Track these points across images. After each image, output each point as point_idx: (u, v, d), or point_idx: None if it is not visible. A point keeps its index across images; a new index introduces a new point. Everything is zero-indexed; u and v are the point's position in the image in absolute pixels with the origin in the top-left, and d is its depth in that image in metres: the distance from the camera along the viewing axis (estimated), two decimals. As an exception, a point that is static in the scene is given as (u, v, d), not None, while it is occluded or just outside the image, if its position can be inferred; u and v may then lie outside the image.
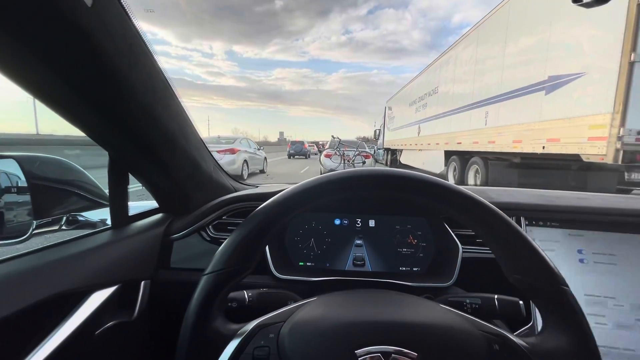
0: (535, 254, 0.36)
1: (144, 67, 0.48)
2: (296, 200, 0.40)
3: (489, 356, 0.35)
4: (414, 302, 0.42)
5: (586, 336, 0.34)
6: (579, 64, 3.42)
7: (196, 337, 0.37)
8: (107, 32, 0.39)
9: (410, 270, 0.75)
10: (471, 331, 0.37)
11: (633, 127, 2.90)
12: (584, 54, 3.36)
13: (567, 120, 3.56)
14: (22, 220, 0.57)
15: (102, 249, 0.61)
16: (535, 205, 0.72)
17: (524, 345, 0.36)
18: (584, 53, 3.36)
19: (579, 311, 0.35)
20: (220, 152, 7.83)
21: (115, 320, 0.59)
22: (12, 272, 0.48)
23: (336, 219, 0.78)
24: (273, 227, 0.40)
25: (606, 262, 0.63)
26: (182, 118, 0.63)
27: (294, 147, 22.20)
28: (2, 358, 0.44)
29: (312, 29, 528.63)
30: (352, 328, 0.37)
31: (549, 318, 0.37)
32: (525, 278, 0.37)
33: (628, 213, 0.68)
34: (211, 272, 0.38)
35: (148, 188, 0.72)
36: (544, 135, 3.91)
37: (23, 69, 0.39)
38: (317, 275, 0.70)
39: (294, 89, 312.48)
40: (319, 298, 0.43)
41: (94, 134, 0.54)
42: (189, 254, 0.75)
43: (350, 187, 0.40)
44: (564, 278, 0.36)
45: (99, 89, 0.44)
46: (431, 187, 0.39)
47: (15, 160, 0.54)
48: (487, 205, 0.38)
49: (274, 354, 0.36)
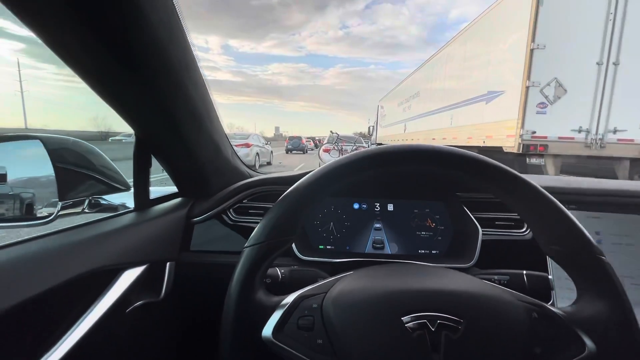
0: (573, 226, 0.37)
1: (179, 43, 0.48)
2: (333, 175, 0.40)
3: (529, 324, 0.36)
4: (451, 273, 0.43)
5: (623, 302, 0.35)
6: (502, 85, 4.92)
7: (241, 308, 0.37)
8: (149, 3, 0.39)
9: (429, 252, 0.75)
10: (511, 300, 0.37)
11: (528, 129, 4.41)
12: (505, 78, 4.86)
13: (496, 122, 5.05)
14: (47, 202, 0.57)
15: (128, 229, 0.61)
16: (553, 188, 0.71)
17: (562, 314, 0.37)
18: (504, 78, 4.86)
19: (616, 279, 0.35)
20: (238, 146, 9.07)
21: (144, 299, 0.61)
22: (46, 249, 0.48)
23: (355, 203, 0.78)
24: (312, 201, 0.41)
25: (623, 243, 0.64)
26: (208, 101, 0.63)
27: (292, 142, 22.90)
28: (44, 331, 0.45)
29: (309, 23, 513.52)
30: (397, 296, 0.37)
31: (584, 287, 0.38)
32: (563, 249, 0.38)
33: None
34: (254, 245, 0.39)
35: (169, 171, 0.72)
36: (484, 133, 5.40)
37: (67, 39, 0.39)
38: (338, 257, 0.71)
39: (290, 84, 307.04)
40: (357, 271, 0.43)
41: (126, 110, 0.54)
42: (207, 237, 0.76)
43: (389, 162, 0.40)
44: (600, 248, 0.36)
45: (139, 61, 0.43)
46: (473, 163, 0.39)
47: (40, 141, 0.54)
48: (527, 181, 0.38)
49: (318, 322, 0.37)
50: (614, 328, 0.35)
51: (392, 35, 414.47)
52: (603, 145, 4.36)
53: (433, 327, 0.34)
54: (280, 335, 0.37)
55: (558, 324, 0.36)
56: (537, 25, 4.21)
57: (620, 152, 4.41)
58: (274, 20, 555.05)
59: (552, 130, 4.40)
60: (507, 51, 4.82)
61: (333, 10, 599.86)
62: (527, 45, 4.30)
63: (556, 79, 4.30)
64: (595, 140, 4.37)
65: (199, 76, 0.56)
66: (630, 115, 4.28)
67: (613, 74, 4.24)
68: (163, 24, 0.42)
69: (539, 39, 4.22)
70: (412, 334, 0.34)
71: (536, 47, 4.23)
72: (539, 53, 4.25)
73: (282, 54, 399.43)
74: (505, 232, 0.73)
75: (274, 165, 10.24)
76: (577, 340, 0.35)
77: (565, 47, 4.24)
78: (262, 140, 11.26)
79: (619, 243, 0.64)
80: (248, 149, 9.27)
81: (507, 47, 4.80)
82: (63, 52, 0.40)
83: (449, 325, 0.34)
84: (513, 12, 4.70)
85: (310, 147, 26.20)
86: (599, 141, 4.36)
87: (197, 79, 0.56)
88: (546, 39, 4.22)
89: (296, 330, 0.37)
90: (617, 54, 4.20)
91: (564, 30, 4.22)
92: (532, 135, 4.42)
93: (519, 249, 0.40)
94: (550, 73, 4.29)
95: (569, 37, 4.23)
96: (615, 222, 0.65)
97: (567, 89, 4.32)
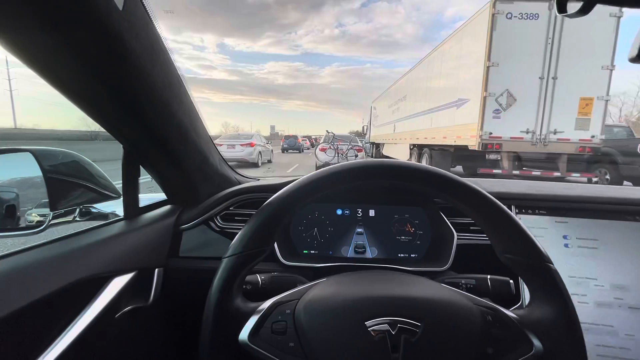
0: (524, 236, 0.40)
1: (163, 65, 0.51)
2: (308, 189, 0.43)
3: (483, 326, 0.38)
4: (415, 280, 0.46)
5: (567, 306, 0.38)
6: (468, 93, 5.92)
7: (219, 314, 0.40)
8: (134, 33, 0.42)
9: (408, 256, 0.77)
10: (467, 304, 0.40)
11: (486, 130, 5.43)
12: (469, 88, 5.85)
13: (463, 125, 6.04)
14: (39, 212, 0.58)
15: (118, 238, 0.63)
16: (525, 195, 0.75)
17: (513, 316, 0.40)
18: (469, 88, 5.85)
19: (562, 285, 0.39)
20: (243, 145, 9.77)
21: (132, 305, 0.62)
22: (38, 260, 0.49)
23: (338, 209, 0.80)
24: (287, 213, 0.44)
25: (589, 247, 0.66)
26: (193, 113, 0.65)
27: (288, 141, 22.84)
28: (33, 341, 0.45)
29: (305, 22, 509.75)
30: (361, 302, 0.40)
31: (535, 292, 0.41)
32: (515, 257, 0.41)
33: (609, 201, 0.71)
34: (232, 255, 0.41)
35: (158, 180, 0.73)
36: (455, 134, 6.39)
37: (56, 65, 0.41)
38: (320, 261, 0.72)
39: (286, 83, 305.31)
40: (329, 278, 0.46)
41: (113, 127, 0.56)
42: (195, 243, 0.78)
43: (356, 177, 0.43)
44: (549, 256, 0.40)
45: (124, 85, 0.46)
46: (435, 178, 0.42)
47: (31, 154, 0.55)
48: (482, 193, 0.41)
49: (290, 327, 0.39)
50: (559, 329, 0.38)
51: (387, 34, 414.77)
52: (546, 143, 5.41)
53: (394, 331, 0.37)
54: (256, 339, 0.39)
55: (509, 325, 0.39)
56: (492, 47, 5.22)
57: (560, 149, 5.46)
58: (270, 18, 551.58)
59: (505, 131, 5.43)
60: (471, 66, 5.84)
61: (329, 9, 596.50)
62: (484, 62, 5.32)
63: (508, 90, 5.33)
64: (540, 139, 5.41)
65: (183, 92, 0.59)
66: (567, 119, 5.32)
67: (552, 86, 5.28)
68: (146, 51, 0.45)
69: (493, 58, 5.25)
70: (375, 337, 0.37)
71: (491, 64, 5.26)
72: (494, 69, 5.27)
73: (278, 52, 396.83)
74: (479, 236, 0.75)
75: (262, 169, 10.75)
76: (526, 340, 0.38)
77: (514, 65, 5.26)
78: (264, 140, 12.18)
79: (585, 247, 0.66)
80: (252, 148, 10.17)
81: (471, 63, 5.83)
82: (47, 74, 0.42)
83: (408, 328, 0.37)
84: (474, 35, 5.73)
85: (307, 146, 26.14)
86: (543, 140, 5.40)
87: (182, 96, 0.59)
88: (499, 58, 5.24)
89: (270, 334, 0.40)
90: (555, 71, 5.24)
91: (513, 51, 5.24)
92: (490, 135, 5.44)
93: (491, 252, 0.46)
94: (503, 85, 5.32)
95: (517, 57, 5.25)
96: (582, 226, 0.67)
97: (517, 98, 5.35)
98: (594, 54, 5.13)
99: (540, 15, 5.12)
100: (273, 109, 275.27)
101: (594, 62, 5.14)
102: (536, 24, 5.16)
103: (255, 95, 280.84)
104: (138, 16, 0.43)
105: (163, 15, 0.53)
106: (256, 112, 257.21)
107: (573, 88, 5.24)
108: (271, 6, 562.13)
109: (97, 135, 7.02)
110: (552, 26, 5.13)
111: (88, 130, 8.37)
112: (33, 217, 0.60)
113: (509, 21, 5.16)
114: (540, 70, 5.26)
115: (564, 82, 5.24)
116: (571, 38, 5.13)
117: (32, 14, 0.33)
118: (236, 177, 0.94)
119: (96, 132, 6.80)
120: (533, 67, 5.27)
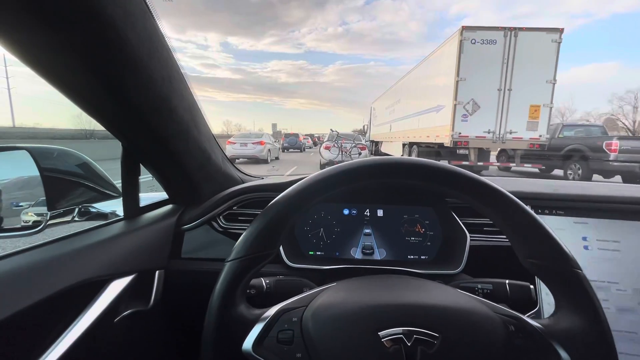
0: (550, 239, 0.37)
1: (161, 58, 0.48)
2: (315, 188, 0.41)
3: (505, 337, 0.36)
4: (431, 285, 0.43)
5: (599, 317, 0.35)
6: (444, 101, 7.38)
7: (221, 322, 0.38)
8: (130, 23, 0.39)
9: (418, 258, 0.75)
10: (488, 313, 0.37)
11: (455, 131, 6.89)
12: (445, 97, 7.31)
13: (441, 126, 7.49)
14: (36, 212, 0.56)
15: (117, 239, 0.61)
16: (541, 194, 0.72)
17: (538, 326, 0.37)
18: (445, 97, 7.30)
19: (592, 293, 0.36)
20: (254, 144, 11.18)
21: (132, 308, 0.60)
22: (34, 262, 0.48)
23: (345, 209, 0.78)
24: (294, 214, 0.41)
25: (610, 249, 0.63)
26: (195, 109, 0.63)
27: (288, 140, 21.66)
28: (31, 345, 0.44)
29: (309, 20, 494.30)
30: (374, 311, 0.37)
31: (561, 300, 0.38)
32: (540, 262, 0.38)
33: (632, 201, 0.69)
34: (234, 259, 0.39)
35: (159, 179, 0.71)
36: (435, 133, 7.85)
37: (47, 58, 0.39)
38: (327, 263, 0.71)
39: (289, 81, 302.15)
40: (338, 284, 0.44)
41: (110, 124, 0.54)
42: (198, 243, 0.76)
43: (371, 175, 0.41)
44: (577, 262, 0.37)
45: (120, 78, 0.43)
46: (452, 176, 0.40)
47: (28, 152, 0.53)
48: (504, 193, 0.39)
49: (297, 337, 0.37)
50: (589, 341, 0.35)
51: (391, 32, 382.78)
52: (504, 141, 6.86)
53: (409, 342, 0.34)
54: (261, 349, 0.37)
55: (534, 336, 0.36)
56: (460, 66, 6.68)
57: (515, 145, 6.92)
58: (273, 17, 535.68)
59: (471, 131, 6.89)
60: (445, 80, 7.32)
61: (333, 7, 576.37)
62: (455, 77, 6.79)
63: (473, 100, 6.79)
64: (499, 138, 6.86)
65: (184, 87, 0.57)
66: (520, 122, 6.77)
67: (508, 96, 6.73)
68: (143, 42, 0.43)
69: (461, 74, 6.70)
70: (389, 348, 0.34)
71: (460, 79, 6.71)
72: (462, 83, 6.73)
73: (281, 51, 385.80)
74: (493, 237, 0.73)
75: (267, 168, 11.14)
76: (552, 352, 0.35)
77: (478, 79, 6.72)
78: (272, 139, 13.58)
79: (606, 249, 0.63)
80: (262, 146, 11.51)
81: (445, 78, 7.30)
82: (43, 71, 0.41)
83: (425, 340, 0.34)
84: (447, 56, 7.19)
85: (309, 145, 25.54)
86: (501, 138, 6.85)
87: (183, 91, 0.57)
88: (466, 74, 6.70)
89: (276, 344, 0.37)
90: (510, 84, 6.68)
91: (476, 68, 6.69)
92: (459, 135, 6.91)
93: (507, 255, 0.42)
94: (470, 95, 6.78)
95: (480, 73, 6.70)
96: (602, 228, 0.64)
97: (480, 105, 6.81)
98: (540, 71, 6.57)
99: (497, 41, 6.57)
100: (276, 107, 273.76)
101: (540, 77, 6.58)
102: (494, 47, 6.61)
103: (258, 93, 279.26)
104: (134, 4, 0.41)
105: (166, 13, 0.48)
106: (259, 111, 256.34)
107: (524, 97, 6.68)
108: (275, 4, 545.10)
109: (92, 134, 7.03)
110: (507, 49, 6.58)
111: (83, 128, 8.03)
112: (29, 216, 0.57)
113: (473, 45, 6.62)
114: (498, 84, 6.71)
115: (517, 93, 6.69)
116: (522, 58, 6.57)
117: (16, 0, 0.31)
118: (239, 175, 0.93)
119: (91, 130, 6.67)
120: (493, 81, 6.72)
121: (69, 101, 0.47)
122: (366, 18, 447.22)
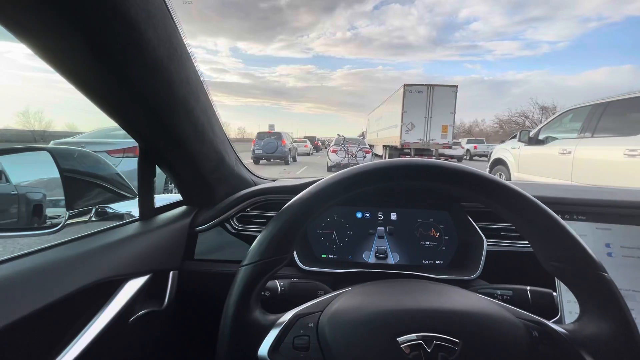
0: (575, 242, 0.36)
1: (180, 59, 0.48)
2: (330, 191, 0.40)
3: (529, 343, 0.35)
4: (450, 290, 0.42)
5: (627, 322, 0.34)
6: (397, 122, 12.85)
7: (236, 328, 0.37)
8: (151, 23, 0.39)
9: (433, 263, 0.74)
10: (510, 318, 0.36)
11: (403, 139, 12.52)
12: (398, 120, 12.75)
13: (396, 136, 12.90)
14: (55, 212, 0.56)
15: (132, 239, 0.62)
16: (563, 199, 0.71)
17: (564, 332, 0.36)
18: (398, 120, 12.75)
19: (620, 297, 0.34)
20: None
21: (147, 309, 0.61)
22: (53, 261, 0.49)
23: (358, 212, 0.78)
24: (307, 218, 0.41)
25: (634, 256, 0.60)
26: (210, 111, 0.63)
27: (263, 143, 12.89)
28: (49, 343, 0.45)
29: (317, 25, 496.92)
30: (392, 315, 0.36)
31: (587, 304, 0.37)
32: (564, 265, 0.37)
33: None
34: (249, 264, 0.39)
35: (174, 180, 0.72)
36: (394, 140, 13.22)
37: (71, 59, 0.39)
38: (340, 267, 0.70)
39: (297, 86, 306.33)
40: (354, 288, 0.43)
41: (129, 124, 0.54)
42: (211, 245, 0.77)
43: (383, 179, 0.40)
44: (602, 265, 0.36)
45: (140, 79, 0.44)
46: (471, 178, 0.39)
47: (49, 153, 0.54)
48: (525, 195, 0.38)
49: (314, 342, 0.36)
50: (618, 347, 0.34)
51: (400, 36, 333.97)
52: (429, 145, 12.68)
53: (429, 348, 0.33)
54: (276, 355, 0.36)
55: (559, 342, 0.35)
56: (404, 104, 12.47)
57: (434, 146, 12.76)
58: (282, 22, 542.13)
59: (411, 139, 12.61)
60: (398, 111, 13.05)
61: (341, 12, 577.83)
62: (401, 110, 12.67)
63: (411, 122, 12.66)
64: (426, 142, 12.67)
65: (200, 89, 0.58)
66: (437, 134, 12.54)
67: (430, 121, 12.53)
68: (163, 43, 0.43)
69: (405, 108, 12.52)
70: (408, 355, 0.33)
71: (404, 111, 12.55)
72: (405, 113, 12.51)
73: (290, 55, 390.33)
74: (511, 243, 0.72)
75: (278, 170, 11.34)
76: (578, 359, 0.34)
77: (414, 112, 12.50)
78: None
79: (630, 256, 0.61)
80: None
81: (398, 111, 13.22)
82: (66, 72, 0.41)
83: (445, 345, 0.33)
84: (397, 99, 13.10)
85: (307, 151, 21.92)
86: (427, 143, 12.66)
87: (199, 92, 0.57)
88: (407, 109, 12.48)
89: (292, 350, 0.37)
90: (431, 113, 12.51)
91: (413, 106, 12.47)
92: (404, 141, 12.72)
93: (526, 261, 0.40)
94: (409, 120, 12.61)
95: (415, 108, 12.44)
96: (626, 234, 0.62)
97: (415, 125, 12.67)
98: (446, 107, 12.40)
99: (424, 92, 12.42)
100: (284, 111, 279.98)
101: (446, 110, 12.41)
102: (422, 94, 12.46)
103: (266, 97, 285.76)
104: (155, 5, 0.41)
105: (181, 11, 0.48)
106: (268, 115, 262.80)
107: (438, 121, 12.51)
108: (283, 10, 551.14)
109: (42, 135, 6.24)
110: (429, 96, 12.44)
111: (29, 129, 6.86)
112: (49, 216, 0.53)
113: (411, 94, 12.48)
114: (425, 113, 12.56)
115: (435, 119, 12.53)
116: (437, 100, 12.43)
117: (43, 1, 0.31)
118: (252, 177, 0.94)
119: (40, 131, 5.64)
120: (422, 113, 12.55)
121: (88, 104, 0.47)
122: (375, 22, 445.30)
